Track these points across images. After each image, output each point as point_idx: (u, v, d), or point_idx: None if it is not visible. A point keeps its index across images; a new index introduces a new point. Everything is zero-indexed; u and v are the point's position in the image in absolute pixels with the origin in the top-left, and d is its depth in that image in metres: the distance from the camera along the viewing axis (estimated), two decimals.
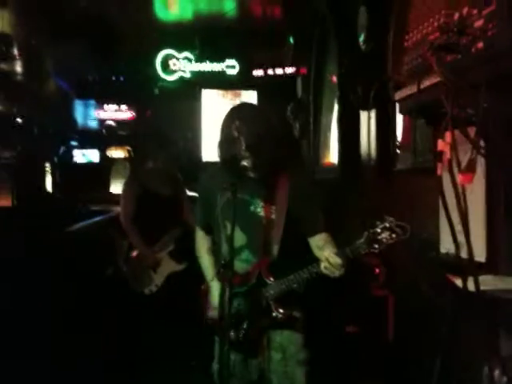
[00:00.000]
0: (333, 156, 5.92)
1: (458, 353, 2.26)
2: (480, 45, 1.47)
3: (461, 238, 1.65)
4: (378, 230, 1.98)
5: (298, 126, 6.62)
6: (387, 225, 1.99)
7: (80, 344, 3.95)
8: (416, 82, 1.61)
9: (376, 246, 1.99)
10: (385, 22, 3.52)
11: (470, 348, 2.35)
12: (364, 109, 4.05)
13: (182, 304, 3.61)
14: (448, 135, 1.47)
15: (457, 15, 1.62)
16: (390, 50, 1.96)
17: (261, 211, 2.34)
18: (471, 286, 1.75)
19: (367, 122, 4.19)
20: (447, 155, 1.50)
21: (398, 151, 3.78)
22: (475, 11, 1.53)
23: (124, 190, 4.41)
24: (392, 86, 1.96)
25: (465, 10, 1.58)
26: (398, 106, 2.65)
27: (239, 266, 2.31)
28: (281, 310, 2.29)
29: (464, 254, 1.73)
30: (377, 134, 3.88)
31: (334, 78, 5.49)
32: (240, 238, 2.32)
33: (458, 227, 1.61)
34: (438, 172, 1.57)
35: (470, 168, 1.56)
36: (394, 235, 1.98)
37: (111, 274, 5.75)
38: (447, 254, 2.78)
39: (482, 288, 1.94)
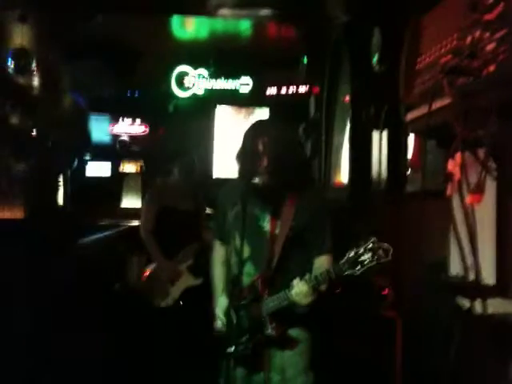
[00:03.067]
0: (344, 176, 5.92)
1: (466, 377, 2.23)
2: (491, 68, 1.48)
3: (470, 260, 1.64)
4: (361, 251, 1.95)
5: (309, 146, 6.64)
6: (370, 245, 1.95)
7: (88, 360, 3.94)
8: (427, 103, 1.62)
9: (358, 267, 1.95)
10: (398, 43, 3.54)
11: (478, 372, 2.32)
12: (376, 129, 4.06)
13: (197, 319, 3.62)
14: (458, 156, 1.48)
15: (469, 38, 1.63)
16: (403, 71, 1.97)
17: (267, 226, 2.35)
18: (479, 309, 1.73)
19: (379, 143, 4.20)
20: (457, 176, 1.50)
21: (408, 173, 3.78)
22: (487, 34, 1.54)
23: (145, 204, 4.48)
24: (404, 108, 1.97)
25: (477, 33, 1.59)
26: (406, 127, 2.67)
27: (244, 279, 2.33)
28: (274, 326, 2.26)
29: (472, 277, 1.72)
30: (388, 156, 3.88)
31: (347, 98, 5.51)
32: (246, 251, 2.34)
33: (467, 249, 1.60)
34: (448, 193, 1.57)
35: (479, 188, 1.55)
36: (375, 257, 1.94)
37: (119, 288, 5.77)
38: (457, 277, 2.76)
39: (491, 311, 1.92)
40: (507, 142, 1.69)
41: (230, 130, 9.09)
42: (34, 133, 7.52)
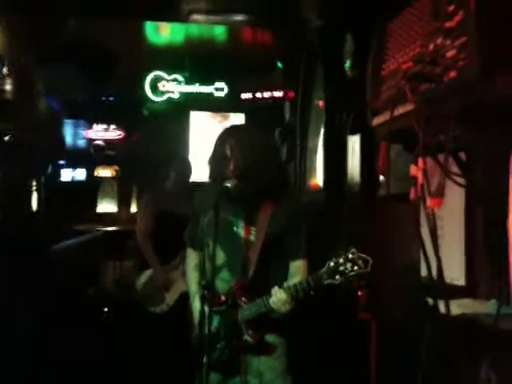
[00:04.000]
0: (319, 180, 5.97)
1: (438, 378, 2.27)
2: (452, 74, 1.52)
3: (434, 262, 1.68)
4: (341, 261, 1.97)
5: (285, 150, 6.67)
6: (350, 256, 1.97)
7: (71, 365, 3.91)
8: (389, 109, 1.66)
9: (337, 277, 1.97)
10: (367, 49, 3.60)
11: (450, 373, 2.36)
12: (351, 134, 4.12)
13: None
14: (420, 161, 1.51)
15: (431, 45, 1.67)
16: (369, 77, 2.01)
17: (241, 232, 2.35)
18: (444, 309, 1.77)
19: (351, 147, 4.25)
20: (420, 181, 1.54)
21: (382, 177, 3.84)
22: (448, 42, 1.59)
23: (141, 209, 4.46)
24: (370, 113, 2.01)
25: (439, 40, 1.63)
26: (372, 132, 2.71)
27: (220, 285, 2.33)
28: (251, 333, 2.27)
29: (438, 278, 1.76)
30: (360, 160, 3.93)
31: (321, 103, 5.56)
32: (221, 257, 2.34)
33: (431, 251, 1.65)
34: (412, 197, 1.61)
35: (439, 193, 1.60)
36: (355, 267, 1.96)
37: (94, 294, 5.73)
38: (426, 278, 2.81)
39: (461, 311, 1.96)
40: (469, 146, 1.74)
41: (204, 135, 9.09)
42: (7, 137, 7.43)
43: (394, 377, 3.28)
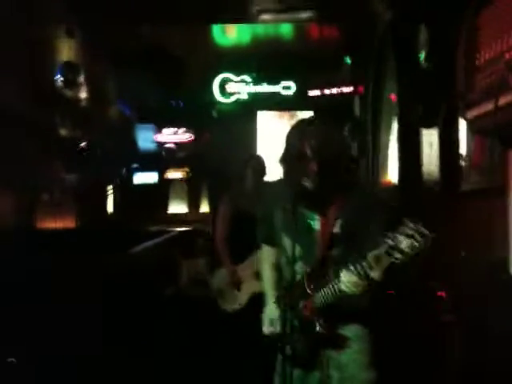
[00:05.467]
0: (392, 176, 5.83)
1: None
2: None
3: None
4: (400, 238, 1.86)
5: (356, 146, 6.57)
6: (409, 232, 1.85)
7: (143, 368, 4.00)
8: (490, 100, 1.56)
9: (398, 255, 1.86)
10: (447, 39, 3.46)
11: None
12: (427, 127, 3.98)
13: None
14: None
15: None
16: (461, 68, 1.91)
17: (316, 225, 2.32)
18: None
19: (429, 141, 4.11)
20: None
21: (463, 171, 3.68)
22: None
23: (218, 210, 4.50)
24: (463, 105, 1.91)
25: None
26: (465, 124, 2.59)
27: (295, 278, 2.32)
28: (322, 323, 2.21)
29: None
30: (441, 154, 3.79)
31: (393, 97, 5.42)
32: (296, 251, 2.31)
33: None
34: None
35: None
36: (416, 244, 1.84)
37: (172, 293, 5.84)
38: None
39: None
40: None
41: (272, 135, 9.09)
42: (83, 144, 7.74)
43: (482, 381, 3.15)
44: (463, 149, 3.20)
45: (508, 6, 1.71)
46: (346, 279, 2.05)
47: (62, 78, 7.04)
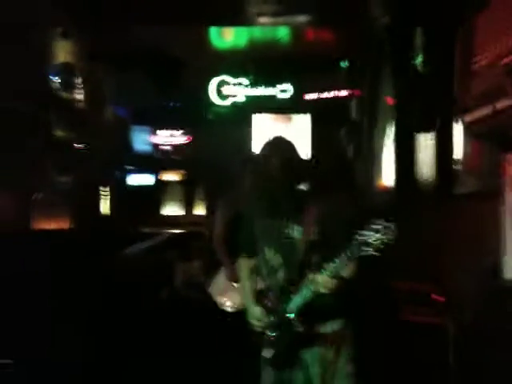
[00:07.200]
0: (387, 179, 5.84)
1: None
2: None
3: None
4: (367, 234, 1.99)
5: (351, 149, 6.59)
6: (374, 227, 1.99)
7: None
8: (487, 105, 1.57)
9: (367, 248, 2.01)
10: (444, 43, 3.48)
11: None
12: (423, 131, 4.00)
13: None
14: None
15: None
16: (457, 72, 1.93)
17: (296, 233, 2.37)
18: None
19: (425, 144, 4.13)
20: None
21: (458, 175, 3.70)
22: None
23: (217, 212, 4.52)
24: (460, 109, 1.93)
25: None
26: (461, 129, 2.61)
27: (276, 285, 2.39)
28: (301, 323, 2.33)
29: None
30: (437, 157, 3.80)
31: (390, 100, 5.44)
32: (277, 259, 2.38)
33: None
34: (508, 193, 1.52)
35: None
36: (382, 237, 2.00)
37: (166, 296, 5.83)
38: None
39: None
40: None
41: (267, 137, 9.08)
42: (77, 145, 7.72)
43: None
44: (459, 153, 3.22)
45: (505, 9, 1.72)
46: (321, 280, 2.19)
47: (57, 79, 7.03)
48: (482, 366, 3.08)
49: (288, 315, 2.35)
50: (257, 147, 9.26)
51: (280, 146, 2.48)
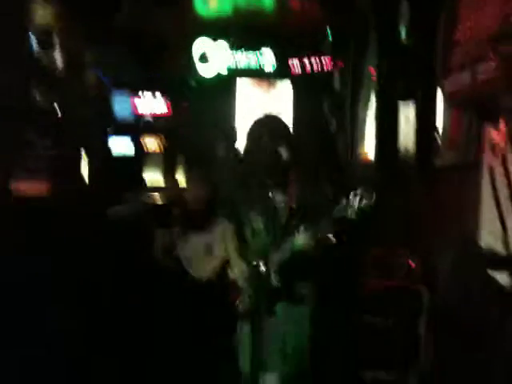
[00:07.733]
0: (370, 151, 5.87)
1: (503, 351, 2.23)
2: None
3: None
4: (350, 198, 2.13)
5: (334, 120, 6.59)
6: (354, 192, 2.13)
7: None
8: (469, 74, 1.59)
9: (348, 212, 2.14)
10: (428, 14, 3.47)
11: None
12: (405, 103, 4.01)
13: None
14: (503, 127, 1.45)
15: None
16: (440, 43, 1.93)
17: (277, 201, 2.51)
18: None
19: (407, 116, 4.14)
20: (502, 147, 1.48)
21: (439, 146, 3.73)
22: None
23: (190, 180, 4.52)
24: (442, 79, 1.94)
25: None
26: (443, 99, 2.62)
27: (259, 244, 2.51)
28: (278, 278, 2.43)
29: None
30: (418, 129, 3.83)
31: (373, 71, 5.43)
32: (259, 224, 2.53)
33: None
34: (488, 164, 1.54)
35: None
36: (363, 200, 2.12)
37: (147, 263, 5.84)
38: (488, 249, 2.75)
39: None
40: None
41: (251, 103, 9.02)
42: (58, 109, 7.59)
43: (449, 353, 3.24)
44: (440, 125, 3.24)
45: None
46: (302, 241, 2.32)
47: (36, 41, 6.87)
48: (454, 333, 3.16)
49: (268, 269, 2.45)
50: (240, 112, 9.21)
51: (271, 126, 2.55)
